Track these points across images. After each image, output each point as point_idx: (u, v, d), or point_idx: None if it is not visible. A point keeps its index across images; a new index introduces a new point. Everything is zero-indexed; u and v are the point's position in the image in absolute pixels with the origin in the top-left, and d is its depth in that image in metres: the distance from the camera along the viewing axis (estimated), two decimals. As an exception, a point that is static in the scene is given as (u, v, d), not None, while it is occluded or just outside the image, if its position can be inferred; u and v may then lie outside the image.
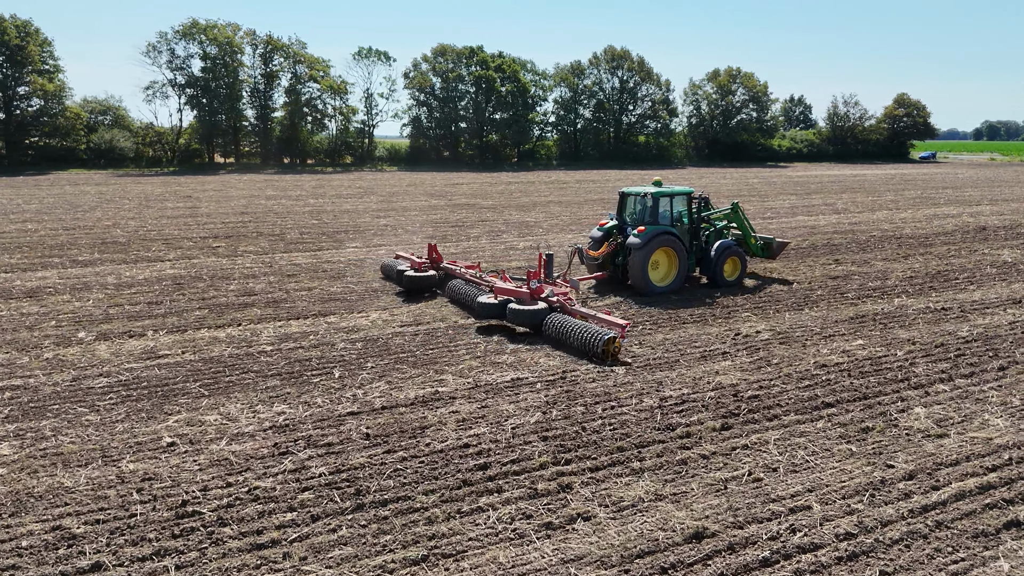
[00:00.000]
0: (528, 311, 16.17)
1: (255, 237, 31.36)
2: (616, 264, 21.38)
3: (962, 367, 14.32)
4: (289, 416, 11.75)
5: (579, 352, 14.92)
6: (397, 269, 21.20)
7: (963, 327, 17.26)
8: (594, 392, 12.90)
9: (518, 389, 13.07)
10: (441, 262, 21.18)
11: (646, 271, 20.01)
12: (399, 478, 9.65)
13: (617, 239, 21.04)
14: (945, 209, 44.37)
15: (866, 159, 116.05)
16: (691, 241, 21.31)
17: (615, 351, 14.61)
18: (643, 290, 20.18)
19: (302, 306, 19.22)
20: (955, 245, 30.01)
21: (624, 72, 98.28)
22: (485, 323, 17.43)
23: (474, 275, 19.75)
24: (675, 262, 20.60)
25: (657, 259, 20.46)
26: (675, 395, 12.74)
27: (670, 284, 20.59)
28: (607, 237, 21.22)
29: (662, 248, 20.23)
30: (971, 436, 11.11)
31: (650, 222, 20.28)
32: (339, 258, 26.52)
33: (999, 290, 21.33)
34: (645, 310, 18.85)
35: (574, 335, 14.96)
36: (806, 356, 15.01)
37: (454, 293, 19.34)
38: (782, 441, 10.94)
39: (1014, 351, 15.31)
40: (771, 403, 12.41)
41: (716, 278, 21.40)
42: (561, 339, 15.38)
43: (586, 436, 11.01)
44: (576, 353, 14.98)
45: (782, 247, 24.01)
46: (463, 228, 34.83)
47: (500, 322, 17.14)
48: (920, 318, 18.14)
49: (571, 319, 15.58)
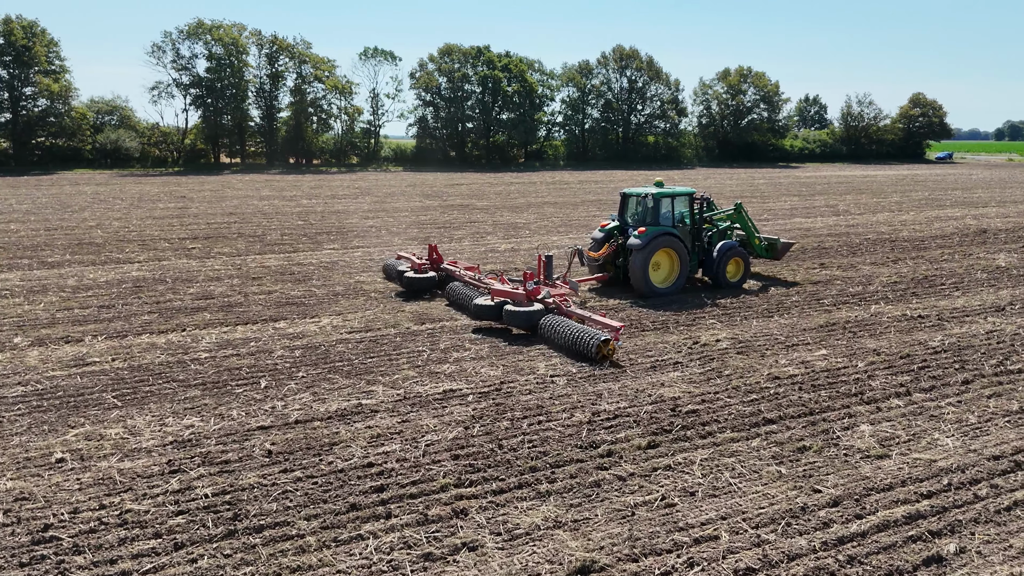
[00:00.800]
0: (524, 312, 16.04)
1: (235, 238, 30.94)
2: (617, 265, 21.12)
3: (923, 380, 13.55)
4: (196, 430, 11.20)
5: (574, 354, 14.68)
6: (397, 270, 20.95)
7: (936, 336, 16.47)
8: (526, 405, 12.26)
9: (447, 402, 12.46)
10: (441, 263, 20.94)
11: (647, 272, 19.70)
12: (285, 500, 9.06)
13: (618, 240, 20.77)
14: (949, 211, 43.30)
15: (880, 160, 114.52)
16: (693, 242, 21.01)
17: (609, 353, 14.44)
18: (644, 291, 19.88)
19: (255, 311, 18.70)
20: (951, 249, 29.08)
21: (633, 72, 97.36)
22: (447, 327, 16.85)
23: (473, 277, 19.50)
24: (676, 263, 20.31)
25: (658, 260, 20.17)
26: (610, 409, 12.08)
27: (671, 286, 20.28)
28: (608, 238, 20.97)
29: (663, 249, 19.94)
30: (914, 457, 10.38)
31: (651, 223, 19.97)
32: (312, 260, 26.02)
33: (984, 297, 20.48)
34: (631, 312, 18.17)
35: (568, 337, 14.75)
36: (761, 367, 14.29)
37: (453, 295, 19.08)
38: (709, 461, 10.26)
39: (983, 363, 14.51)
40: (709, 419, 11.72)
41: (719, 279, 21.05)
42: (556, 341, 15.15)
43: (500, 455, 10.37)
44: (571, 355, 14.73)
45: (787, 248, 23.45)
46: (449, 229, 34.26)
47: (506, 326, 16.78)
48: (893, 326, 17.36)
49: (566, 321, 15.35)
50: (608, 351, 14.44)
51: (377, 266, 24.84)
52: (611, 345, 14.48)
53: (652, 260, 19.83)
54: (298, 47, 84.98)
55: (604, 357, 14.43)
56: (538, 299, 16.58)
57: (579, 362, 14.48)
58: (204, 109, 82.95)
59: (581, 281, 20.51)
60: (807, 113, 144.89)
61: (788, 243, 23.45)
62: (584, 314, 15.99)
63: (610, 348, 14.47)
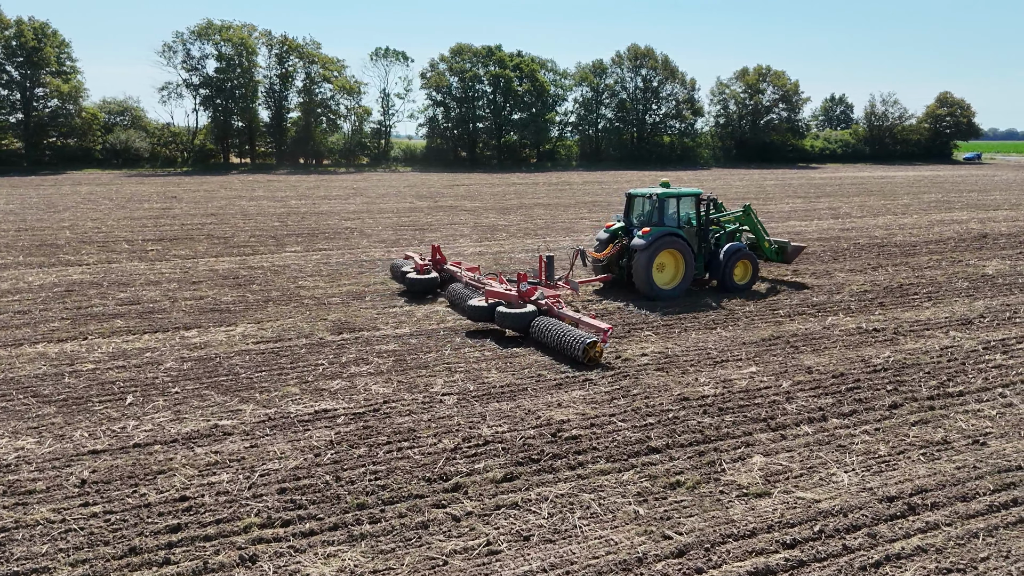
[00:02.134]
0: (514, 314, 15.85)
1: (200, 240, 30.28)
2: (621, 266, 20.67)
3: (847, 403, 12.33)
4: (24, 454, 10.33)
5: (563, 357, 14.41)
6: (401, 270, 20.81)
7: (883, 352, 15.20)
8: (397, 429, 11.25)
9: (314, 424, 11.49)
10: (444, 264, 20.84)
11: (650, 273, 19.33)
12: (61, 542, 8.13)
13: (622, 241, 20.37)
14: (956, 214, 41.55)
15: (905, 160, 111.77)
16: (699, 244, 20.59)
17: (597, 355, 14.17)
18: (647, 293, 19.53)
19: (174, 318, 17.89)
20: (941, 255, 27.58)
21: (647, 71, 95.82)
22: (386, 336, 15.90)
23: (473, 278, 19.28)
24: (681, 265, 19.91)
25: (663, 261, 19.77)
26: (486, 434, 11.03)
27: (675, 287, 19.87)
28: (613, 239, 20.62)
29: (667, 250, 19.58)
30: (796, 497, 9.21)
31: (656, 224, 19.61)
32: (265, 264, 25.23)
33: (956, 308, 19.11)
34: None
35: (555, 339, 14.60)
36: (675, 387, 13.15)
37: (451, 296, 18.91)
38: (564, 498, 9.17)
39: (921, 385, 13.23)
40: (588, 446, 10.62)
41: (725, 282, 20.52)
42: (544, 343, 15.01)
43: (334, 488, 9.37)
44: (560, 357, 14.43)
45: (798, 251, 22.66)
46: (425, 231, 33.35)
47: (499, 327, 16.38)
48: (842, 341, 16.10)
49: (556, 322, 15.12)
50: (596, 353, 14.14)
51: (332, 269, 24.04)
52: (599, 347, 14.16)
53: (656, 261, 19.46)
54: (307, 47, 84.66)
55: (592, 360, 14.10)
56: (531, 300, 16.31)
57: (563, 366, 13.48)
58: (213, 109, 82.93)
59: (584, 282, 20.33)
60: (833, 113, 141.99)
61: (799, 246, 22.80)
62: (574, 316, 15.60)
63: (597, 350, 14.16)
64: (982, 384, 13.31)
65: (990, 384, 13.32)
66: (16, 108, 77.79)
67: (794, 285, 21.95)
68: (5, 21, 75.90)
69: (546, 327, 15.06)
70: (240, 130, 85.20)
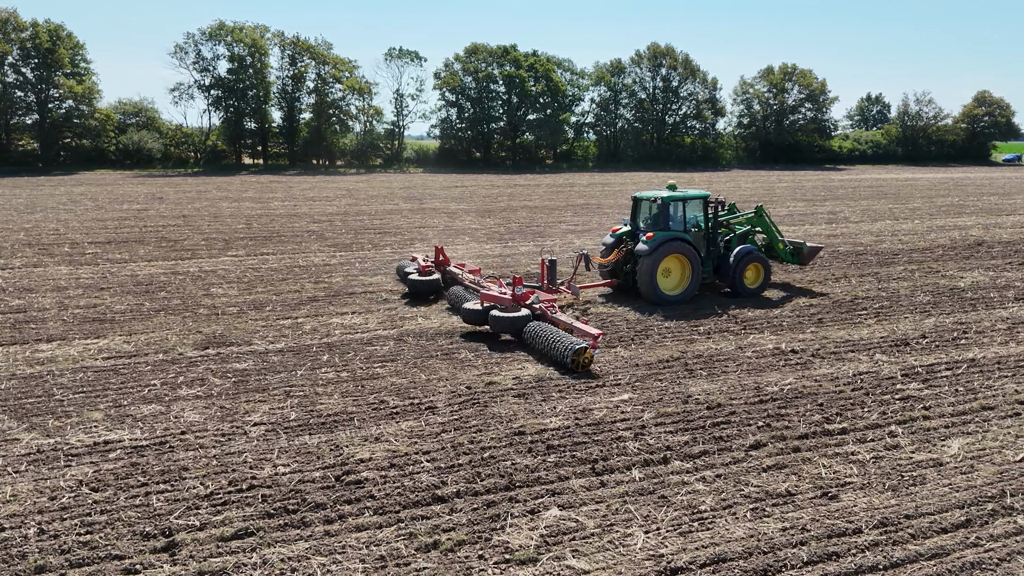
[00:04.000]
0: (508, 318, 15.51)
1: (151, 242, 29.39)
2: (626, 271, 19.99)
3: (702, 442, 10.71)
4: None
5: (554, 362, 14.00)
6: (404, 271, 20.60)
7: (785, 379, 13.52)
8: (168, 468, 9.93)
9: (82, 459, 10.22)
10: (448, 265, 20.59)
11: (654, 279, 18.80)
12: None
13: (627, 245, 19.79)
14: (963, 219, 39.11)
15: (941, 162, 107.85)
16: (707, 247, 20.10)
17: (586, 362, 13.67)
18: (652, 299, 18.96)
19: (47, 328, 16.86)
20: (920, 264, 25.54)
21: (667, 70, 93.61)
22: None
23: (473, 280, 19.06)
24: (688, 270, 19.33)
25: (668, 266, 19.25)
26: (262, 475, 9.65)
27: (682, 293, 19.30)
28: (619, 243, 20.08)
29: (673, 255, 19.05)
30: (564, 565, 7.68)
31: (661, 228, 19.00)
32: (192, 269, 24.18)
33: (901, 326, 17.29)
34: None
35: (546, 345, 14.22)
36: (521, 417, 11.63)
37: (451, 299, 18.62)
38: (288, 563, 7.75)
39: (801, 420, 11.55)
40: (366, 493, 9.19)
41: (736, 286, 19.96)
42: (536, 348, 14.64)
43: (29, 544, 8.06)
44: (552, 363, 14.01)
45: (814, 253, 21.86)
46: (388, 235, 32.09)
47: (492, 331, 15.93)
48: (748, 363, 14.45)
49: (549, 327, 14.72)
50: (585, 360, 13.63)
51: (256, 276, 22.95)
52: (588, 354, 13.65)
53: (661, 266, 18.97)
54: (319, 48, 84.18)
55: (582, 366, 13.59)
56: (526, 304, 15.94)
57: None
58: (225, 110, 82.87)
59: (586, 287, 19.91)
60: (869, 113, 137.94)
61: (816, 247, 21.97)
62: (566, 321, 15.09)
63: (587, 357, 13.64)
64: (875, 420, 11.58)
65: (885, 420, 11.58)
66: (31, 109, 78.54)
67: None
68: (21, 24, 76.66)
69: (538, 332, 14.64)
70: (253, 131, 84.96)
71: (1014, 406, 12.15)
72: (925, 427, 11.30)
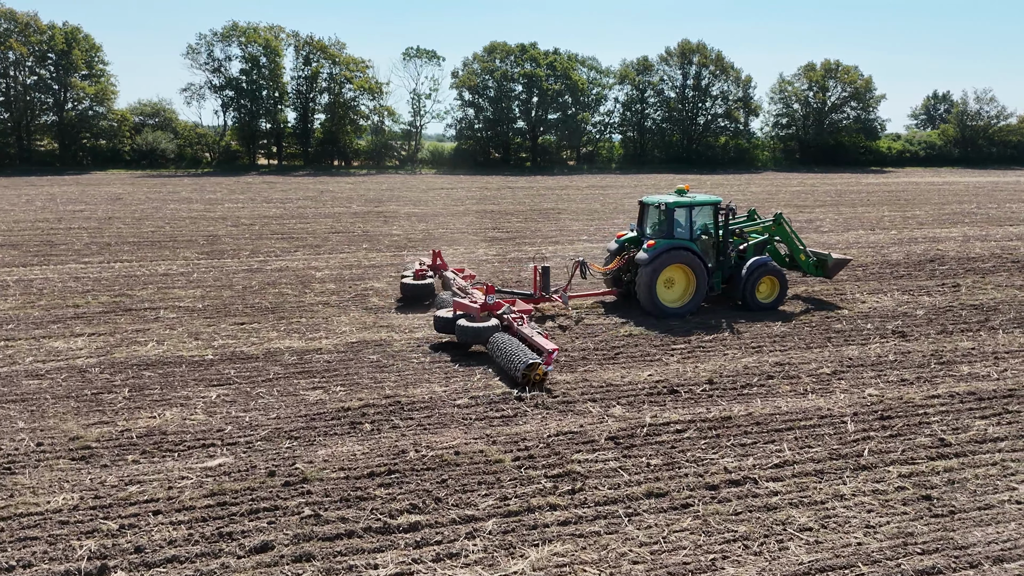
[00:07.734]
0: (473, 328, 14.53)
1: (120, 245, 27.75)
2: (627, 280, 18.88)
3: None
4: None
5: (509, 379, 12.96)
6: (400, 275, 20.16)
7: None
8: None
9: None
10: (445, 270, 19.94)
11: (654, 290, 17.54)
12: None
13: (630, 253, 18.67)
14: (954, 230, 34.24)
15: (1002, 164, 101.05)
16: (717, 257, 18.65)
17: (537, 378, 12.64)
18: (652, 310, 17.75)
19: None
20: (843, 284, 21.81)
21: (698, 67, 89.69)
22: None
23: (462, 287, 18.15)
24: (692, 281, 17.99)
25: (671, 276, 17.96)
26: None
27: (685, 305, 17.95)
28: (622, 250, 18.97)
29: (676, 265, 17.71)
30: None
31: (666, 235, 17.80)
32: (126, 272, 22.37)
33: (824, 355, 14.03)
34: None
35: (503, 358, 13.20)
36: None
37: (437, 305, 17.52)
38: None
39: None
40: None
41: (748, 300, 18.42)
42: (496, 361, 13.64)
43: None
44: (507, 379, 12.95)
45: (841, 265, 20.14)
46: (354, 238, 29.72)
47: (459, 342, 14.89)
48: (627, 397, 11.51)
49: (511, 340, 13.70)
50: (537, 376, 12.63)
51: (193, 281, 21.41)
52: (540, 370, 12.68)
53: (664, 276, 17.74)
54: (331, 48, 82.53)
55: (534, 383, 12.57)
56: (497, 314, 15.07)
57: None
58: (239, 111, 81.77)
59: (577, 296, 18.89)
60: (935, 112, 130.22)
61: (843, 259, 20.29)
62: (528, 333, 14.10)
63: (538, 373, 12.65)
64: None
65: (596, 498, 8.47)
66: (50, 110, 78.47)
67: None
68: (41, 27, 76.57)
69: (498, 345, 13.66)
70: (267, 132, 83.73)
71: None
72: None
